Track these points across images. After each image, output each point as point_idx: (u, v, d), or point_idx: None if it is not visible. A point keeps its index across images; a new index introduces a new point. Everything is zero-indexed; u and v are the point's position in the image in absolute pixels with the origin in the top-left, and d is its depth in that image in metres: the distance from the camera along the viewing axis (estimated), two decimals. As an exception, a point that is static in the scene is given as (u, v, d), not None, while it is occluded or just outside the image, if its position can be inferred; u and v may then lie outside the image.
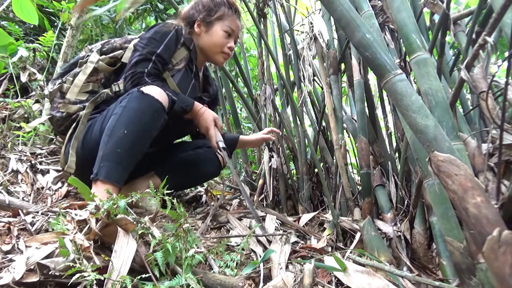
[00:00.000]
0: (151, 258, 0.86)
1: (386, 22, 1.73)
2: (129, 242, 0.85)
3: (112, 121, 1.30)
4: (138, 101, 1.31)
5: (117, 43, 1.60)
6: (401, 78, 0.85)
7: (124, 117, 1.29)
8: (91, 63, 1.53)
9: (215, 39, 1.62)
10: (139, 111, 1.31)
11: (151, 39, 1.51)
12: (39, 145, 2.11)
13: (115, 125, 1.28)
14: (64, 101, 1.50)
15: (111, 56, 1.56)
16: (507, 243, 0.65)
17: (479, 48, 0.98)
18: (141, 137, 1.32)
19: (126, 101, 1.32)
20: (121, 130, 1.26)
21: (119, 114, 1.30)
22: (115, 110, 1.34)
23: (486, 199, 0.70)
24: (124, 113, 1.30)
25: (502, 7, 0.90)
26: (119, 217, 0.88)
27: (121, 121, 1.28)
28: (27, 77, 2.47)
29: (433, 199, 1.04)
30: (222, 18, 1.62)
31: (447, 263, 1.10)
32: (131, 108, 1.31)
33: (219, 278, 0.95)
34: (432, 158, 0.76)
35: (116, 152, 1.25)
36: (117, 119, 1.29)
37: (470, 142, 1.20)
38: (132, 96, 1.33)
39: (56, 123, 1.52)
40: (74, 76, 1.54)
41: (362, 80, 1.71)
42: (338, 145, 1.80)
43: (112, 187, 1.22)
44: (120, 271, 0.77)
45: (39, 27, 2.98)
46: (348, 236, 1.53)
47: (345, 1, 0.92)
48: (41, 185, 1.69)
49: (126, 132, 1.27)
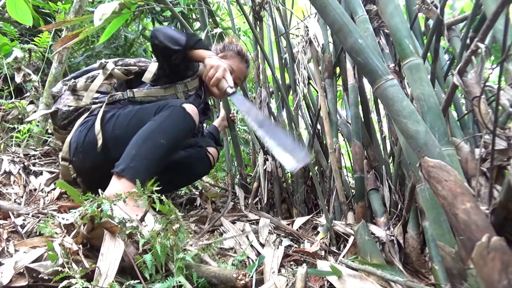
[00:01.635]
0: (140, 260, 0.86)
1: (381, 26, 1.73)
2: (116, 244, 0.85)
3: (151, 126, 1.36)
4: (181, 118, 1.41)
5: (131, 61, 1.73)
6: (392, 84, 0.85)
7: (165, 128, 1.36)
8: (107, 70, 1.65)
9: None
10: (179, 128, 1.41)
11: None
12: (33, 147, 2.10)
13: (154, 131, 1.34)
14: (74, 97, 1.58)
15: (126, 68, 1.67)
16: (496, 249, 0.65)
17: (472, 54, 0.99)
18: (172, 152, 1.42)
19: (168, 112, 1.40)
20: (160, 140, 1.33)
21: (159, 122, 1.36)
22: (154, 117, 1.40)
23: (475, 205, 0.70)
24: (166, 124, 1.37)
25: (494, 14, 0.90)
26: (103, 220, 0.87)
27: (162, 130, 1.35)
28: (22, 78, 2.46)
29: (425, 204, 1.04)
30: (226, 57, 1.85)
31: (440, 268, 1.10)
32: (173, 122, 1.39)
33: (213, 270, 0.95)
34: (422, 164, 0.76)
35: (149, 157, 1.30)
36: (157, 127, 1.35)
37: (463, 147, 1.21)
38: (175, 110, 1.41)
39: (60, 116, 1.58)
40: (87, 79, 1.63)
41: (357, 84, 1.72)
42: (333, 148, 1.80)
43: (133, 187, 1.22)
44: (107, 274, 0.77)
45: (35, 28, 2.97)
46: (342, 240, 1.53)
47: (338, 6, 0.93)
48: (34, 187, 1.68)
49: (164, 143, 1.33)
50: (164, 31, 1.52)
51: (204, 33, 2.09)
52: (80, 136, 1.48)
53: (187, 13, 3.40)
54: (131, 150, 1.30)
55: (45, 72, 2.80)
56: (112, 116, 1.49)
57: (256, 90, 2.35)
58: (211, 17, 2.24)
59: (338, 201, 1.76)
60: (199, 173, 1.92)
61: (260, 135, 1.31)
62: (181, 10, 3.11)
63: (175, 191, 2.14)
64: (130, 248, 0.90)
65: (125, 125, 1.45)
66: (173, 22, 3.48)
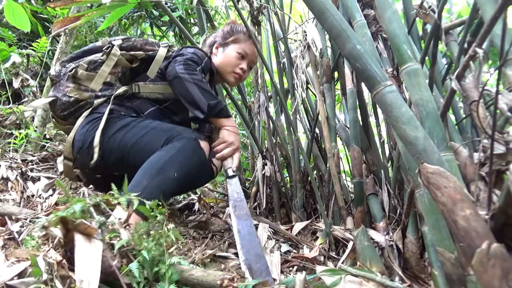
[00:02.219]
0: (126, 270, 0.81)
1: (379, 31, 1.74)
2: (92, 250, 0.79)
3: (164, 157, 1.31)
4: (195, 153, 1.39)
5: (138, 43, 1.61)
6: (391, 90, 0.85)
7: (178, 160, 1.32)
8: (114, 56, 1.52)
9: (228, 59, 1.72)
10: (192, 162, 1.37)
11: (194, 54, 1.56)
12: (31, 152, 2.09)
13: (168, 163, 1.30)
14: (75, 86, 1.48)
15: (131, 54, 1.56)
16: (496, 256, 0.65)
17: (470, 59, 0.99)
18: (182, 185, 1.38)
19: (181, 144, 1.35)
20: (173, 172, 1.29)
21: (173, 154, 1.32)
22: (165, 147, 1.35)
23: (475, 212, 0.70)
24: (179, 157, 1.33)
25: (491, 19, 0.90)
26: (77, 222, 0.81)
27: (175, 163, 1.31)
28: (20, 83, 2.46)
29: (424, 210, 1.04)
30: (237, 41, 1.75)
31: (439, 273, 1.09)
32: (187, 155, 1.35)
33: (196, 276, 0.92)
34: (421, 170, 0.76)
35: (161, 189, 1.25)
36: (170, 158, 1.31)
37: (462, 152, 1.20)
38: (189, 143, 1.37)
39: (60, 106, 1.48)
40: (89, 63, 1.51)
41: (355, 89, 1.72)
42: (331, 153, 1.80)
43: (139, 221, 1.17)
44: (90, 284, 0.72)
45: (33, 33, 2.97)
46: (341, 245, 1.52)
47: (336, 12, 0.93)
48: (31, 192, 1.67)
49: (177, 177, 1.30)
50: (186, 87, 1.44)
51: (202, 39, 2.09)
52: (87, 137, 1.40)
53: (185, 17, 3.41)
54: (142, 180, 1.25)
55: (43, 77, 2.80)
56: (124, 127, 1.42)
57: (254, 95, 2.35)
58: (209, 22, 2.24)
59: (337, 206, 1.75)
60: (201, 184, 1.87)
61: (235, 235, 1.30)
62: (180, 15, 3.11)
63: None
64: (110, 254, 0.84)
65: (134, 141, 1.39)
66: (171, 26, 3.49)
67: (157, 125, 1.44)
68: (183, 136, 1.38)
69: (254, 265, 1.17)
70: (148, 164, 1.30)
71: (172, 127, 1.45)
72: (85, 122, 1.43)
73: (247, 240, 1.26)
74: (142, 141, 1.38)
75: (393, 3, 1.16)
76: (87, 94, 1.48)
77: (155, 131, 1.42)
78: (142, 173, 1.27)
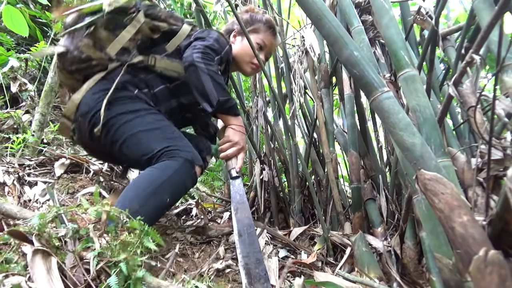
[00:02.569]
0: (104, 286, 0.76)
1: (377, 36, 1.74)
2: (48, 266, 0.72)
3: (158, 179, 1.21)
4: (188, 177, 1.30)
5: (162, 14, 1.54)
6: (388, 96, 0.85)
7: (173, 185, 1.24)
8: (137, 23, 1.44)
9: (247, 49, 1.65)
10: (184, 186, 1.31)
11: (216, 41, 1.49)
12: (28, 156, 2.08)
13: (162, 186, 1.20)
14: (90, 42, 1.40)
15: (154, 24, 1.50)
16: (493, 263, 0.65)
17: (467, 66, 0.99)
18: (169, 208, 1.35)
19: (177, 165, 1.25)
20: (166, 197, 1.22)
21: (168, 177, 1.22)
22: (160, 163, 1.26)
23: (472, 218, 0.70)
24: (173, 182, 1.24)
25: (488, 25, 0.91)
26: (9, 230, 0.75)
27: (169, 187, 1.23)
28: (18, 88, 2.45)
29: (422, 215, 1.04)
30: (257, 31, 1.70)
31: (437, 279, 1.09)
32: (181, 181, 1.27)
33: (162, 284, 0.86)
34: (419, 176, 0.76)
35: (155, 215, 1.20)
36: (165, 182, 1.22)
37: (459, 157, 1.21)
38: (185, 166, 1.28)
39: (70, 60, 1.41)
40: (109, 22, 1.42)
41: (353, 94, 1.72)
42: (329, 158, 1.80)
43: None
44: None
45: (32, 38, 2.97)
46: (339, 251, 1.52)
47: (333, 19, 0.93)
48: (28, 197, 1.66)
49: (169, 201, 1.24)
50: (199, 77, 1.39)
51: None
52: (96, 105, 1.33)
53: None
54: (133, 203, 1.13)
55: (41, 82, 2.79)
56: (132, 113, 1.35)
57: (252, 99, 2.35)
58: (207, 27, 2.24)
59: (335, 211, 1.75)
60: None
61: (235, 238, 1.27)
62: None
63: None
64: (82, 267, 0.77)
65: (134, 132, 1.32)
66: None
67: (163, 127, 1.38)
68: (180, 155, 1.29)
69: (253, 270, 1.14)
70: (140, 183, 1.22)
71: (175, 137, 1.37)
72: (98, 89, 1.37)
73: (247, 244, 1.22)
74: (142, 136, 1.32)
75: (390, 9, 1.16)
76: (101, 55, 1.41)
77: (158, 132, 1.35)
78: (133, 193, 1.18)
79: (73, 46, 1.39)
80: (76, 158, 2.08)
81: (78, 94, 1.37)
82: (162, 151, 1.28)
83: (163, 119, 1.41)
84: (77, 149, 2.44)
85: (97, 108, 1.32)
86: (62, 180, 1.90)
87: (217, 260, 1.31)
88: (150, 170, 1.24)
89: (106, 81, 1.39)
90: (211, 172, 3.22)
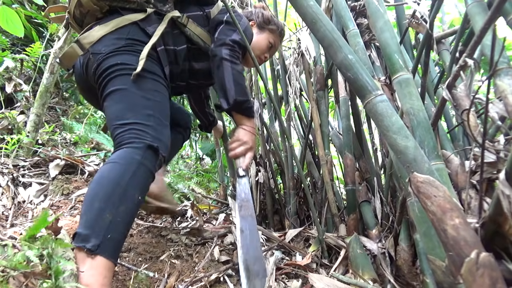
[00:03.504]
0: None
1: (372, 39, 1.75)
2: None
3: (124, 176, 1.03)
4: (152, 164, 1.12)
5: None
6: (382, 99, 0.86)
7: (139, 178, 1.07)
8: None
9: (262, 43, 1.68)
10: (151, 174, 1.13)
11: (244, 33, 1.46)
12: (22, 157, 2.08)
13: (130, 185, 1.03)
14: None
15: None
16: (485, 265, 0.65)
17: (460, 69, 1.00)
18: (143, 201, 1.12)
19: (139, 155, 1.07)
20: (136, 195, 1.04)
21: (133, 172, 1.05)
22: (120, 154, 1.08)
23: (464, 221, 0.70)
24: (138, 174, 1.06)
25: (481, 30, 0.92)
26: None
27: (138, 182, 1.06)
28: (13, 88, 2.44)
29: (415, 218, 1.04)
30: (273, 32, 1.71)
31: (431, 281, 1.10)
32: (145, 169, 1.09)
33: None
34: (412, 179, 0.76)
35: (128, 221, 1.03)
36: (131, 177, 1.04)
37: (453, 160, 1.21)
38: (147, 152, 1.10)
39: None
40: None
41: (348, 97, 1.73)
42: (325, 160, 1.81)
43: (112, 267, 0.95)
44: None
45: (27, 38, 2.96)
46: (333, 253, 1.53)
47: (328, 22, 0.94)
48: (23, 198, 1.65)
49: (140, 199, 1.06)
50: (223, 74, 1.38)
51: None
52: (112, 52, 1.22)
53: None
54: (103, 214, 0.95)
55: (36, 82, 2.78)
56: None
57: (248, 101, 2.35)
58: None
59: (330, 213, 1.76)
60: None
61: (237, 235, 1.30)
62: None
63: None
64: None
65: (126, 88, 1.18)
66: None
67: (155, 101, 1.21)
68: (146, 139, 1.11)
69: (252, 266, 1.14)
70: (105, 186, 1.02)
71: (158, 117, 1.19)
72: (123, 36, 1.26)
73: (248, 241, 1.22)
74: (127, 97, 1.18)
75: (385, 13, 1.17)
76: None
77: (146, 103, 1.19)
78: (101, 203, 0.97)
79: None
80: (71, 159, 2.07)
81: (102, 30, 1.26)
82: (132, 127, 1.12)
83: (162, 93, 1.27)
84: (72, 150, 2.44)
85: (111, 55, 1.22)
86: (56, 181, 1.89)
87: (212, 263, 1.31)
88: (112, 166, 1.05)
89: (135, 29, 1.29)
90: (206, 174, 3.22)
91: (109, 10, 1.32)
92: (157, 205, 1.53)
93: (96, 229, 0.93)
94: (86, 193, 1.03)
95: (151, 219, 1.85)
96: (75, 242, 0.92)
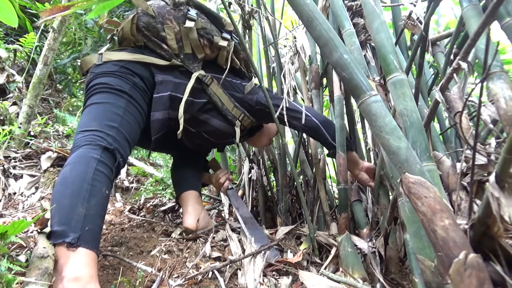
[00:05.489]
0: None
1: (368, 39, 1.76)
2: None
3: (87, 172, 1.03)
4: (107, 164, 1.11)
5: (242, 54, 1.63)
6: (376, 99, 0.86)
7: (102, 173, 1.08)
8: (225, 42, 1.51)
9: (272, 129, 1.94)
10: (111, 172, 1.12)
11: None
12: (14, 149, 2.06)
13: (94, 179, 1.03)
14: (173, 28, 1.41)
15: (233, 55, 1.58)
16: (473, 266, 0.66)
17: (453, 72, 1.01)
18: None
19: (97, 153, 1.08)
20: (103, 189, 1.05)
21: (94, 168, 1.05)
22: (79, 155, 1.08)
23: (454, 222, 0.71)
24: (100, 169, 1.07)
25: (475, 33, 0.92)
26: None
27: (100, 177, 1.06)
28: (5, 79, 2.42)
29: (406, 218, 1.05)
30: None
31: (419, 281, 1.10)
32: (105, 165, 1.09)
33: None
34: (403, 180, 0.77)
35: (101, 214, 1.03)
36: (94, 172, 1.04)
37: (445, 161, 1.22)
38: (108, 154, 1.12)
39: (146, 21, 1.40)
40: (203, 28, 1.46)
41: (342, 96, 1.73)
42: (318, 159, 1.81)
43: (95, 258, 0.95)
44: None
45: (21, 28, 2.93)
46: (324, 251, 1.53)
47: (324, 21, 0.94)
48: (13, 190, 1.64)
49: (108, 193, 1.07)
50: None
51: None
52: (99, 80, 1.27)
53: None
54: (76, 209, 0.94)
55: (29, 73, 2.76)
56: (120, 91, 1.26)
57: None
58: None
59: (322, 211, 1.77)
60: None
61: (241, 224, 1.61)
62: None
63: None
64: None
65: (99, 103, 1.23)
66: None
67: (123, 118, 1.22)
68: (101, 143, 1.11)
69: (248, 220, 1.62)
70: (71, 184, 1.00)
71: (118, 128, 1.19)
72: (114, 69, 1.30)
73: (250, 223, 1.58)
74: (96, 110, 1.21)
75: (381, 13, 1.17)
76: (173, 45, 1.40)
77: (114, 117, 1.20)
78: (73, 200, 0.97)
79: (162, 15, 1.40)
80: (63, 152, 2.06)
81: (125, 56, 1.33)
82: (92, 133, 1.14)
83: (134, 116, 1.27)
84: (65, 142, 2.42)
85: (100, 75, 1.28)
86: (48, 174, 1.88)
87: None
88: (72, 166, 1.05)
89: (143, 67, 1.35)
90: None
91: (143, 45, 1.42)
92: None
93: (72, 224, 0.92)
94: (52, 196, 1.02)
95: (142, 214, 1.84)
96: (52, 240, 0.90)
